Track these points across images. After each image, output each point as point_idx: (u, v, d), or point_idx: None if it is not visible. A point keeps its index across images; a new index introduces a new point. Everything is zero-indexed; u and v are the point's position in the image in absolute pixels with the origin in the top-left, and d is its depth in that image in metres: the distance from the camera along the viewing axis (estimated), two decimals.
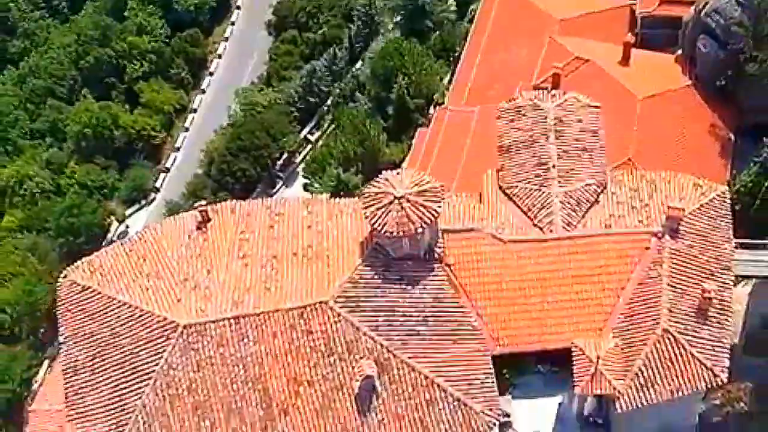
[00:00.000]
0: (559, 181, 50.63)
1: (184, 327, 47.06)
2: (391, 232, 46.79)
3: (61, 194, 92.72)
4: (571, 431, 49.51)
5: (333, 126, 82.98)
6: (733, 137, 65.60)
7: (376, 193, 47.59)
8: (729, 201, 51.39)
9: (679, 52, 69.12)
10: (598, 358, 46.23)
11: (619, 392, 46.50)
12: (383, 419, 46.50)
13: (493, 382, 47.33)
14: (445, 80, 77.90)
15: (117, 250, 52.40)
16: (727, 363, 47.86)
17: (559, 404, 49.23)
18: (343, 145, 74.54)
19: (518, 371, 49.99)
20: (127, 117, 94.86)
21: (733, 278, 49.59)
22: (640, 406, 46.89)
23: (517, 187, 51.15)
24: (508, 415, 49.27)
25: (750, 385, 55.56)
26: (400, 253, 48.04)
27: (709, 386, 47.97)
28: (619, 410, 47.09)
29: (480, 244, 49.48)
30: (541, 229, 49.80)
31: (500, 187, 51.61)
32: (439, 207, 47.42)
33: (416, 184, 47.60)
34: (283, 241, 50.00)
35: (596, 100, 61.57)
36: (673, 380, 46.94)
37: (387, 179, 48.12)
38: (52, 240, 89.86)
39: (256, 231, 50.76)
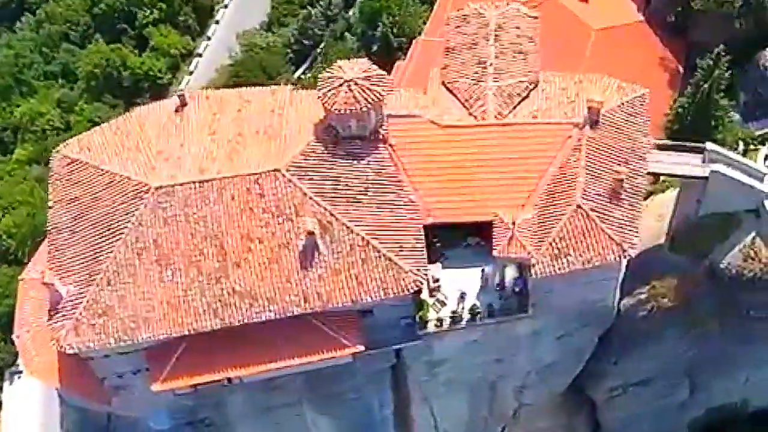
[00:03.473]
0: (495, 78, 58.86)
1: (156, 188, 55.51)
2: (340, 110, 55.35)
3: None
4: (493, 297, 57.29)
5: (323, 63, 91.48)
6: (682, 71, 73.51)
7: (329, 77, 56.23)
8: (648, 101, 59.03)
9: None
10: (514, 223, 54.19)
11: (533, 258, 54.27)
12: (323, 274, 54.76)
13: (422, 248, 55.42)
14: (427, 24, 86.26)
15: (105, 129, 60.94)
16: (636, 241, 55.64)
17: (482, 271, 57.00)
18: None
19: (450, 244, 57.88)
20: (135, 59, 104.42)
21: (646, 167, 57.18)
22: (553, 273, 54.66)
23: (457, 81, 59.46)
24: (437, 280, 57.30)
25: (674, 281, 63.04)
26: (348, 133, 56.56)
27: (618, 259, 55.25)
28: (535, 276, 54.95)
29: (420, 128, 57.83)
30: (475, 117, 57.98)
31: (443, 83, 59.87)
32: (384, 90, 55.84)
33: (364, 71, 56.17)
34: (248, 122, 58.60)
35: (556, 32, 70.53)
36: (584, 252, 54.74)
37: (340, 66, 56.77)
38: None
39: (226, 113, 59.41)
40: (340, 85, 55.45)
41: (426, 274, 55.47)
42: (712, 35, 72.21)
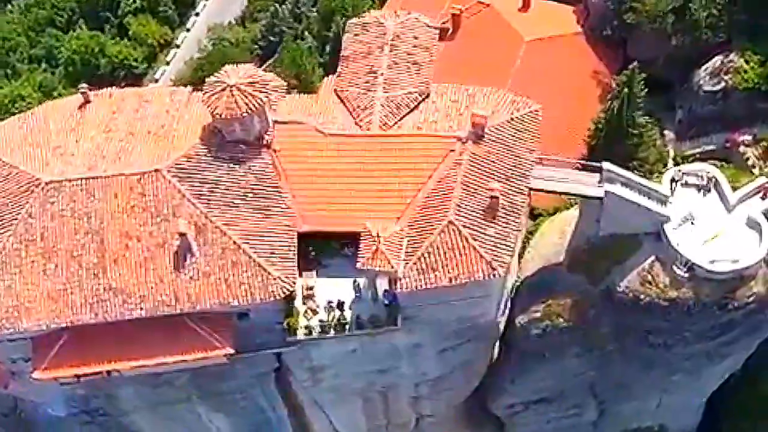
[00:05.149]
0: (384, 88, 60.70)
1: (46, 183, 58.67)
2: (221, 115, 57.90)
3: None
4: (364, 307, 59.22)
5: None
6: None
7: (214, 82, 58.90)
8: (540, 118, 60.30)
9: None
10: (379, 235, 56.05)
11: (396, 271, 55.93)
12: (194, 275, 57.42)
13: (294, 255, 57.63)
14: None
15: (13, 122, 64.57)
16: (507, 260, 57.01)
17: (354, 281, 59.01)
18: (278, 75, 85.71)
19: (326, 253, 59.94)
20: (113, 47, 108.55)
21: (528, 185, 58.56)
22: (419, 287, 56.30)
23: (347, 90, 61.51)
24: (310, 288, 59.55)
25: (570, 301, 64.18)
26: (233, 137, 59.08)
27: (487, 278, 56.72)
28: (400, 290, 56.67)
29: (304, 135, 59.99)
30: (360, 126, 59.97)
31: (335, 90, 62.03)
32: (265, 97, 58.19)
33: (249, 76, 58.70)
34: (143, 121, 61.54)
35: (489, 40, 72.31)
36: (453, 268, 56.13)
37: (226, 71, 59.39)
38: None
39: (125, 112, 62.41)
40: (223, 89, 57.98)
41: (295, 282, 57.66)
42: (650, 51, 73.15)
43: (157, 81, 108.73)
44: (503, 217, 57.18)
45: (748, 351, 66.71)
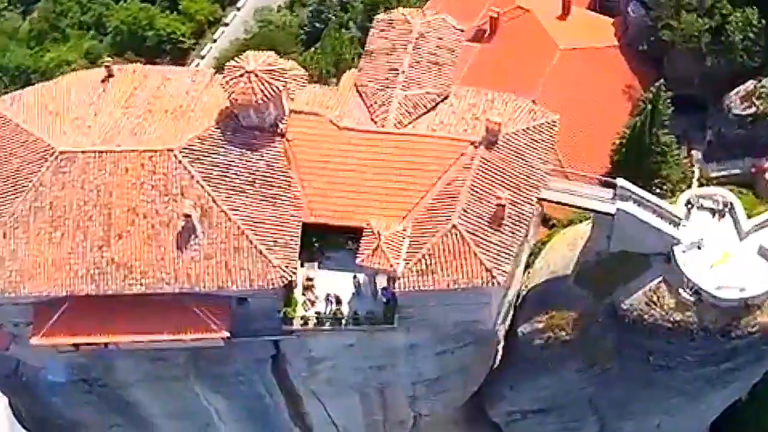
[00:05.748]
0: (403, 86, 60.58)
1: (60, 153, 59.60)
2: (236, 100, 58.30)
3: None
4: (363, 303, 59.23)
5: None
6: None
7: (233, 66, 59.28)
8: (557, 129, 59.80)
9: None
10: (380, 234, 56.05)
11: (395, 270, 55.95)
12: (195, 256, 57.90)
13: (296, 245, 57.88)
14: None
15: (37, 89, 65.58)
16: (508, 269, 56.68)
17: (354, 277, 59.04)
18: (318, 62, 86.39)
19: (330, 245, 59.99)
20: (162, 20, 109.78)
21: (537, 196, 58.13)
22: (416, 288, 56.12)
23: (367, 86, 61.50)
24: (311, 279, 59.75)
25: (574, 314, 63.64)
26: (248, 123, 59.47)
27: (486, 285, 56.41)
28: (398, 290, 56.62)
29: (319, 127, 60.09)
30: (375, 123, 59.96)
31: (355, 85, 62.05)
32: (282, 85, 58.49)
33: (268, 63, 59.00)
34: (162, 100, 62.16)
35: (524, 46, 71.91)
36: (452, 273, 55.87)
37: (247, 56, 59.79)
38: None
39: (146, 89, 63.11)
40: (241, 75, 58.32)
41: (295, 272, 57.85)
42: (685, 70, 72.14)
43: (203, 58, 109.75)
44: (509, 226, 56.81)
45: (754, 379, 65.76)
